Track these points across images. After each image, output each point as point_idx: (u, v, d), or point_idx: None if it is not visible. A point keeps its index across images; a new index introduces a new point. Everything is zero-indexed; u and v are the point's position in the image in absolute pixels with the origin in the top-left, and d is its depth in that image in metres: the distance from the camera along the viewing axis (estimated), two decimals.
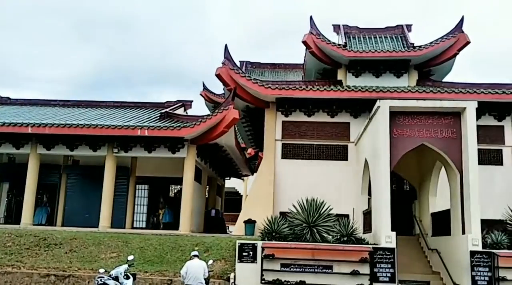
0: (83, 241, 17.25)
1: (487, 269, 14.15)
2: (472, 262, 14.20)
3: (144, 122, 21.74)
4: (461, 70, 63.46)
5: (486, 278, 14.11)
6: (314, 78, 24.34)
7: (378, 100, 15.99)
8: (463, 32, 21.51)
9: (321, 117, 21.76)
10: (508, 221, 16.63)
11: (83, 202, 23.11)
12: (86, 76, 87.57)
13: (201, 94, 28.55)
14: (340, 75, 22.62)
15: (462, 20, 21.80)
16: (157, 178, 24.27)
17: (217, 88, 25.84)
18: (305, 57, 23.97)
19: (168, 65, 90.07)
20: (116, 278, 12.27)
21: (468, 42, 21.36)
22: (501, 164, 20.94)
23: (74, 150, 21.62)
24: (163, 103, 26.66)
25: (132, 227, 23.25)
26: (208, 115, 20.48)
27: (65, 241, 17.26)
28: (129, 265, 12.94)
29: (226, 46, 21.70)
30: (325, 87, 21.21)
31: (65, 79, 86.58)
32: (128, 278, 12.44)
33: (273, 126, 21.79)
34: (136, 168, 24.01)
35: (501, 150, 21.07)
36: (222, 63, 21.31)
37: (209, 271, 13.41)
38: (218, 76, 21.09)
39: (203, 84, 28.21)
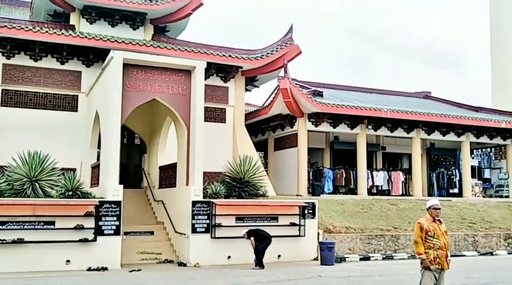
0: None
1: (205, 217, 15.37)
2: (193, 211, 15.21)
3: None
4: (202, 30, 66.18)
5: (205, 225, 15.31)
6: (43, 19, 22.09)
7: (112, 51, 15.45)
8: None
9: (49, 63, 20.05)
10: (226, 174, 18.36)
11: None
12: None
13: None
14: (73, 20, 21.11)
15: None
16: None
17: None
18: None
19: None
20: None
21: (201, 4, 22.15)
22: (224, 122, 22.92)
23: None
24: None
25: None
26: None
27: None
28: None
29: None
30: (55, 30, 19.48)
31: None
32: None
33: None
34: None
35: (225, 109, 23.01)
36: None
37: None
38: None
39: None
